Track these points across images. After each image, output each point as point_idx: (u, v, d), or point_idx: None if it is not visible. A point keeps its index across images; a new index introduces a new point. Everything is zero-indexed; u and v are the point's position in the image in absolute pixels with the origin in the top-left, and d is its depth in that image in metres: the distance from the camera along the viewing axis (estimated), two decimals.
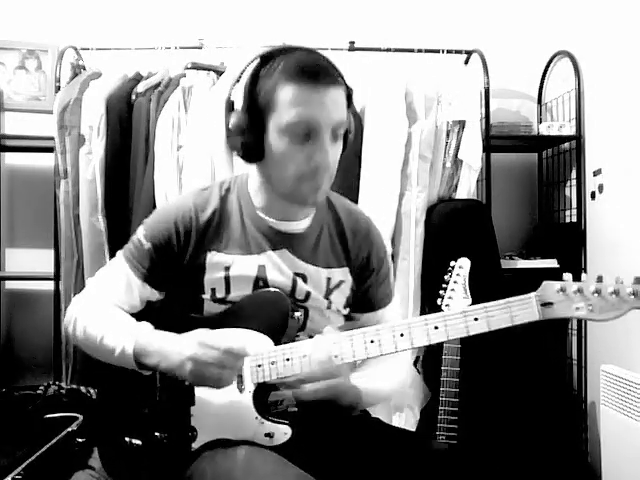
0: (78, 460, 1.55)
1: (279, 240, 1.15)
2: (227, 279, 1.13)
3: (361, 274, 1.22)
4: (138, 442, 1.08)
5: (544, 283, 0.96)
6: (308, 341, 1.06)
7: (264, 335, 1.07)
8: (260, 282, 1.13)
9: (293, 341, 1.07)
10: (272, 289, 1.12)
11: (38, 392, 1.88)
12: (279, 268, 1.14)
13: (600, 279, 0.93)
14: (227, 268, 1.13)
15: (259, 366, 1.05)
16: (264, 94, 1.04)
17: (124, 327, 1.08)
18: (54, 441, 1.58)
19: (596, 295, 0.93)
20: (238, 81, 1.08)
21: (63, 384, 1.97)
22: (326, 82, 1.02)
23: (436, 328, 0.98)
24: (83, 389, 1.88)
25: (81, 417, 1.70)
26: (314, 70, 1.02)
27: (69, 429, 1.64)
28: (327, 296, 1.18)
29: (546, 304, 0.95)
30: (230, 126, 1.07)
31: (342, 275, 1.20)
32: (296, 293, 1.15)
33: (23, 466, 1.46)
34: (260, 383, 1.06)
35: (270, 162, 1.08)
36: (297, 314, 1.13)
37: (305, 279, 1.16)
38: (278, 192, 1.11)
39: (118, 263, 1.18)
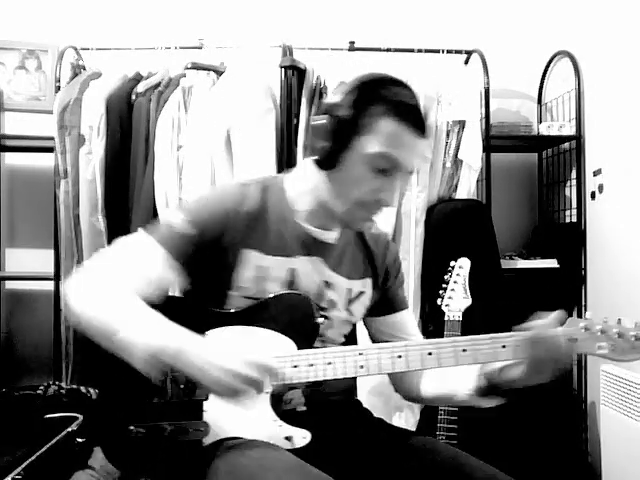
0: (78, 460, 1.55)
1: (312, 247, 1.16)
2: (257, 278, 1.12)
3: (384, 281, 1.26)
4: (142, 430, 1.06)
5: (569, 319, 1.02)
6: (332, 348, 1.07)
7: (285, 337, 1.07)
8: (289, 285, 1.13)
9: (311, 346, 1.07)
10: (299, 292, 1.12)
11: (38, 392, 1.88)
12: (309, 274, 1.14)
13: (619, 321, 1.00)
14: (259, 267, 1.12)
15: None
16: (365, 116, 1.04)
17: (147, 319, 0.99)
18: (54, 441, 1.58)
19: (618, 337, 1.00)
20: (346, 93, 1.06)
21: (63, 384, 1.97)
22: (423, 133, 1.06)
23: (464, 351, 1.01)
24: (83, 389, 1.88)
25: (81, 417, 1.70)
26: (418, 117, 1.05)
27: (69, 429, 1.64)
28: (347, 307, 1.19)
29: (571, 340, 1.01)
30: (319, 128, 1.06)
31: (362, 286, 1.22)
32: (322, 301, 1.16)
33: (23, 466, 1.46)
34: (279, 385, 1.05)
35: (339, 177, 1.08)
36: (320, 319, 1.12)
37: (331, 288, 1.17)
38: (330, 206, 1.11)
39: (147, 245, 1.09)
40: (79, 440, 1.61)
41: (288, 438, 1.03)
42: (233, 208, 1.12)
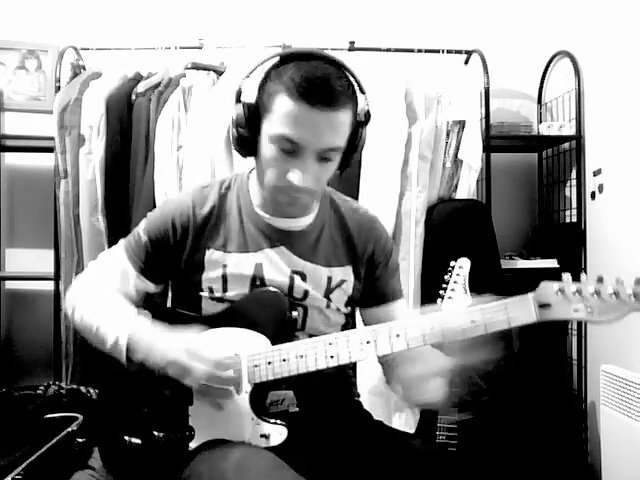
0: (78, 460, 1.55)
1: (277, 237, 1.15)
2: (224, 277, 1.13)
3: (369, 269, 1.21)
4: (137, 441, 1.08)
5: (542, 283, 0.93)
6: (304, 341, 1.05)
7: (261, 335, 1.08)
8: (257, 280, 1.13)
9: (291, 340, 1.07)
10: (270, 288, 1.12)
11: (38, 392, 1.87)
12: (277, 266, 1.14)
13: (600, 280, 0.90)
14: (225, 266, 1.13)
15: (256, 366, 1.05)
16: (266, 97, 1.03)
17: (120, 318, 1.08)
18: (54, 441, 1.58)
19: (595, 296, 0.89)
20: (248, 76, 1.07)
21: (63, 384, 1.97)
22: (328, 105, 0.98)
23: (432, 329, 0.97)
24: (83, 389, 1.88)
25: (81, 417, 1.70)
26: (319, 90, 0.97)
27: (69, 429, 1.64)
28: (327, 295, 1.17)
29: (544, 305, 0.92)
30: (233, 117, 1.07)
31: (344, 274, 1.19)
32: (294, 292, 1.15)
33: (23, 466, 1.46)
34: (257, 383, 1.06)
35: (259, 163, 1.09)
36: (295, 313, 1.13)
37: (304, 277, 1.15)
38: (264, 192, 1.12)
39: (118, 252, 1.19)
40: (79, 440, 1.61)
41: (265, 436, 1.04)
42: (187, 212, 1.14)
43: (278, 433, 1.04)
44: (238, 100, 1.07)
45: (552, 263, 2.44)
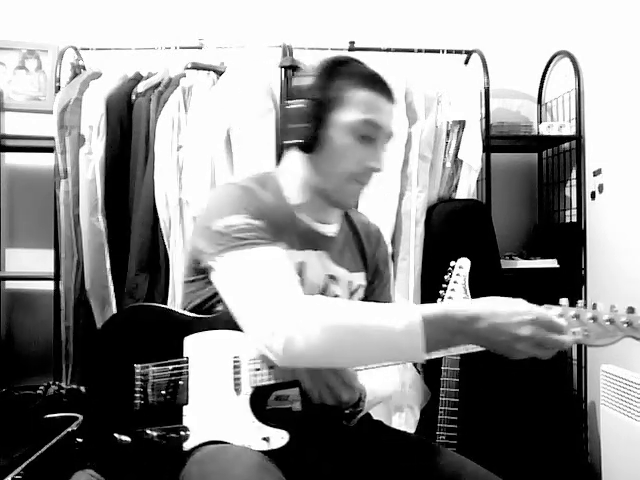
0: (78, 460, 1.55)
1: (317, 241, 1.17)
2: None
3: (372, 279, 1.27)
4: (127, 439, 1.07)
5: (543, 307, 0.97)
6: None
7: None
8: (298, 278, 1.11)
9: None
10: None
11: (38, 392, 1.88)
12: (315, 268, 1.15)
13: (594, 306, 0.98)
14: None
15: (257, 370, 1.05)
16: (334, 91, 1.09)
17: (391, 307, 0.97)
18: (54, 441, 1.58)
19: (592, 322, 0.97)
20: (306, 76, 1.13)
21: (63, 384, 1.98)
22: (391, 97, 1.15)
23: None
24: (83, 389, 1.88)
25: (81, 417, 1.70)
26: (385, 84, 1.14)
27: (69, 429, 1.64)
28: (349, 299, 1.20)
29: None
30: (293, 113, 1.11)
31: (360, 279, 1.24)
32: (326, 294, 1.16)
33: (23, 466, 1.46)
34: (258, 387, 1.05)
35: (324, 156, 1.11)
36: None
37: (335, 281, 1.18)
38: (321, 187, 1.13)
39: (264, 254, 1.01)
40: (79, 440, 1.61)
41: (266, 439, 1.03)
42: (249, 202, 1.09)
43: (279, 437, 1.03)
44: (301, 96, 1.10)
45: (552, 263, 2.44)
